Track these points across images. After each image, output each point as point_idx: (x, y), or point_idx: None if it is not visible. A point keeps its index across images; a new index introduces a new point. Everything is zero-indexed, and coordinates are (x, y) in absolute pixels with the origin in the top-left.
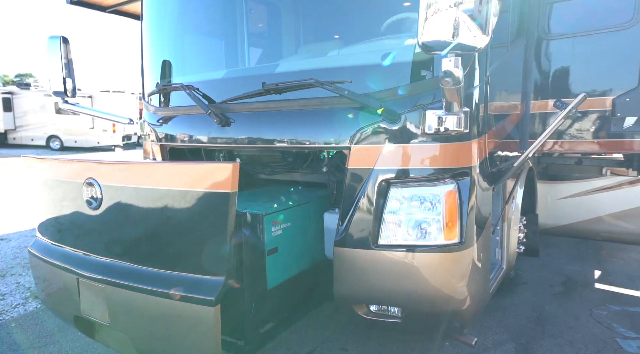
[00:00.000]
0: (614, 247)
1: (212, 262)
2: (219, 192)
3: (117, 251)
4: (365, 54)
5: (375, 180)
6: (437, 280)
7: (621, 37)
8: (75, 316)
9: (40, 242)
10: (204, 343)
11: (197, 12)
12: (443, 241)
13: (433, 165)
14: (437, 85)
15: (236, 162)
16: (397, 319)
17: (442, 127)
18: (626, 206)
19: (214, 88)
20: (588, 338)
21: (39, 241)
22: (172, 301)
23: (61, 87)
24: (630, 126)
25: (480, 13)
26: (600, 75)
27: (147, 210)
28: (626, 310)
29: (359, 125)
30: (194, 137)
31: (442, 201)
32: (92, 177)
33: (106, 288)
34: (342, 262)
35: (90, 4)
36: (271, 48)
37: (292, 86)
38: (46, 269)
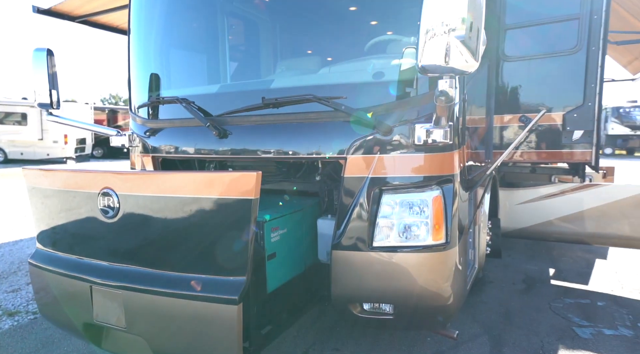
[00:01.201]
0: (564, 247)
1: (234, 263)
2: (243, 199)
3: (135, 257)
4: (355, 72)
5: (370, 187)
6: (426, 278)
7: (568, 61)
8: (85, 323)
9: (43, 253)
10: (227, 341)
11: (183, 28)
12: (431, 242)
13: (421, 173)
14: (421, 102)
15: (259, 171)
16: (389, 315)
17: (429, 139)
18: (572, 210)
19: (206, 102)
20: (549, 328)
21: (41, 251)
22: (194, 302)
23: (46, 99)
24: (578, 138)
25: (471, 39)
26: (553, 94)
27: (169, 217)
28: (578, 302)
29: (354, 137)
30: (190, 149)
31: (430, 206)
32: (109, 187)
33: (123, 293)
34: (339, 264)
35: (59, 14)
36: (259, 64)
37: (291, 101)
38: (51, 279)
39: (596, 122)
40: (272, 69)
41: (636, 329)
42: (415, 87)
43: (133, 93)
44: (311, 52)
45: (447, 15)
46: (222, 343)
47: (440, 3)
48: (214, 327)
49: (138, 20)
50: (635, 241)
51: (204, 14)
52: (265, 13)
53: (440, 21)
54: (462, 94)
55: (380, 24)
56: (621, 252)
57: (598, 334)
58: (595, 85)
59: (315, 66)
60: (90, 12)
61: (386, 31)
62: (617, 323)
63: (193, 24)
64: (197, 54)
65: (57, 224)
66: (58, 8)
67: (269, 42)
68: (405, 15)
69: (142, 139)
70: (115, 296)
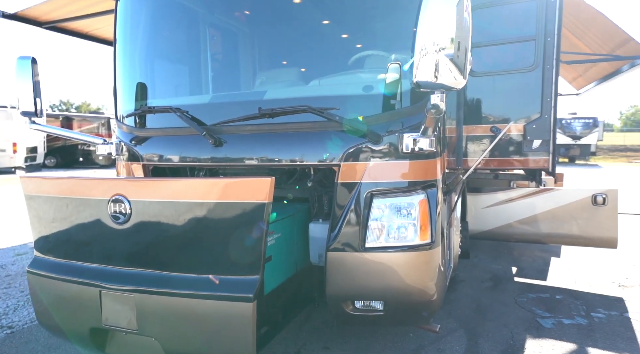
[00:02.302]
0: (523, 246)
1: (247, 263)
2: (258, 203)
3: (147, 261)
4: (345, 85)
5: (362, 192)
6: (414, 275)
7: (527, 77)
8: (92, 328)
9: (44, 260)
10: (241, 337)
11: (172, 39)
12: (419, 242)
13: (408, 178)
14: (407, 114)
15: (272, 177)
16: (379, 312)
17: (416, 147)
18: (530, 213)
19: (197, 111)
20: (517, 320)
21: (41, 259)
22: (209, 301)
23: (30, 107)
24: (537, 147)
25: (459, 58)
26: (515, 107)
27: (183, 221)
28: (539, 296)
29: (347, 145)
30: (183, 157)
31: (417, 208)
32: (121, 194)
33: (136, 296)
34: (334, 265)
35: (26, 19)
36: (248, 75)
37: (287, 111)
38: (54, 287)
39: (552, 132)
40: (259, 80)
41: (590, 319)
42: (400, 100)
43: (120, 102)
44: (298, 64)
45: (438, 36)
46: (237, 340)
47: (432, 24)
48: (229, 325)
49: (125, 31)
50: (583, 239)
51: (193, 26)
52: (246, 26)
53: (432, 41)
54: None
55: (367, 38)
56: (572, 250)
57: (559, 324)
58: (551, 99)
59: (300, 78)
60: (59, 18)
61: (373, 45)
62: (573, 314)
63: (182, 35)
64: (187, 64)
65: (60, 231)
66: (25, 13)
67: (255, 54)
68: (388, 30)
69: (131, 147)
70: (127, 299)
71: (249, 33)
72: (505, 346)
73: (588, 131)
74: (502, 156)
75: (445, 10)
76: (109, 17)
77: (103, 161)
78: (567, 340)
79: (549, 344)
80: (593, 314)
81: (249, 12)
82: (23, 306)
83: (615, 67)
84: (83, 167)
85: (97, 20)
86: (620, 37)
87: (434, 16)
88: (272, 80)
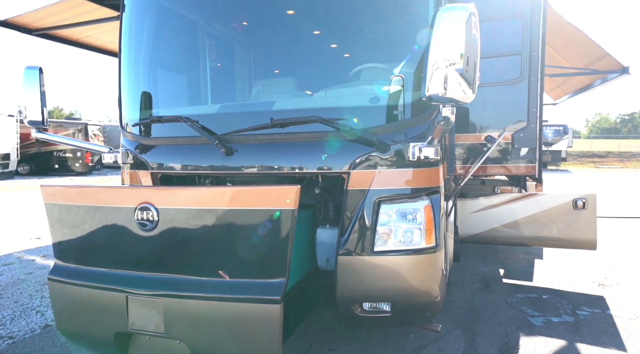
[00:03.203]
0: (507, 249)
1: (274, 267)
2: (284, 209)
3: (174, 266)
4: (352, 97)
5: (370, 198)
6: (420, 277)
7: (514, 89)
8: (117, 332)
9: (66, 268)
10: (269, 338)
11: (176, 50)
12: (425, 245)
13: (414, 185)
14: (413, 124)
15: (298, 185)
16: (387, 313)
17: (422, 156)
18: (515, 217)
19: (207, 121)
20: (509, 319)
21: (63, 266)
22: (237, 304)
23: (37, 117)
24: (524, 155)
25: (467, 72)
26: (503, 117)
27: (211, 227)
28: (528, 296)
29: (356, 154)
30: (193, 165)
31: (422, 213)
32: (148, 202)
33: (164, 300)
34: (344, 268)
35: (16, 26)
36: (254, 86)
37: (298, 121)
38: (77, 293)
39: (538, 140)
40: (266, 91)
41: (576, 316)
42: (404, 111)
43: (127, 112)
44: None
45: (448, 51)
46: (264, 341)
47: (443, 40)
48: (256, 326)
49: (130, 42)
50: (565, 241)
51: (200, 37)
52: (253, 38)
53: (442, 56)
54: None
55: (372, 51)
56: (553, 252)
57: (548, 322)
58: (536, 109)
59: (307, 89)
60: (49, 25)
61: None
62: (560, 312)
63: (190, 46)
64: (195, 75)
65: (83, 239)
66: (16, 20)
67: (262, 65)
68: (393, 43)
69: (139, 155)
70: (155, 303)
71: (256, 45)
72: (501, 344)
73: (559, 137)
74: (492, 163)
75: (455, 27)
76: (100, 25)
77: (80, 168)
78: (557, 337)
79: (541, 341)
80: (578, 312)
81: (256, 25)
82: (20, 316)
83: (591, 80)
84: (58, 174)
85: (87, 28)
86: (596, 53)
87: (444, 33)
88: (278, 91)
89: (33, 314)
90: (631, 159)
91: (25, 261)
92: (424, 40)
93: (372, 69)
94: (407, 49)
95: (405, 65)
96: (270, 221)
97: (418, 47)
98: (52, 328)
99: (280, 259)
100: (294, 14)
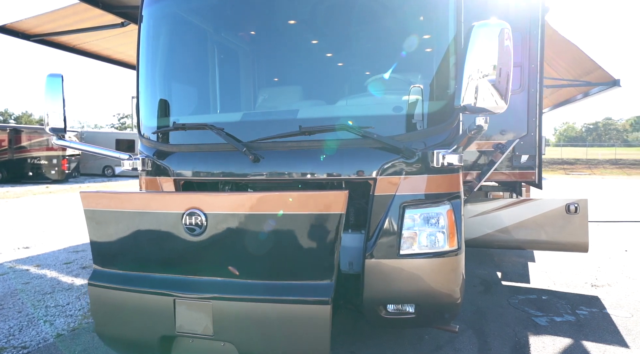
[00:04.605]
0: (501, 252)
1: (323, 269)
2: (333, 214)
3: (223, 269)
4: (376, 106)
5: (396, 204)
6: (443, 279)
7: (515, 99)
8: (163, 336)
9: (107, 273)
10: (318, 339)
11: (197, 59)
12: (448, 248)
13: (437, 190)
14: (437, 132)
15: (346, 191)
16: (411, 314)
17: (446, 162)
18: (512, 222)
19: (230, 128)
20: (515, 320)
21: (103, 272)
22: (286, 305)
23: (59, 124)
24: (525, 162)
25: (500, 83)
26: (505, 125)
27: (260, 232)
28: (528, 298)
29: (383, 161)
30: (220, 172)
31: (445, 217)
32: (196, 207)
33: (214, 303)
34: (372, 271)
35: (14, 32)
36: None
37: (326, 129)
38: (120, 298)
39: (538, 148)
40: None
41: (576, 316)
42: (426, 120)
43: (148, 119)
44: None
45: (482, 64)
46: (314, 341)
47: (477, 54)
48: (306, 327)
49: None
50: (558, 244)
51: (222, 47)
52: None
53: (476, 68)
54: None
55: (397, 61)
56: (543, 255)
57: (551, 322)
58: (536, 118)
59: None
60: (48, 31)
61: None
62: (561, 311)
63: (212, 55)
64: (216, 83)
65: (126, 244)
66: (14, 26)
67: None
68: (416, 54)
69: (160, 162)
70: (204, 306)
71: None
72: (512, 343)
73: None
74: (495, 169)
75: (489, 41)
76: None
77: (55, 175)
78: (563, 336)
79: (549, 340)
80: (578, 312)
81: (277, 34)
82: (28, 327)
83: (579, 92)
84: (33, 182)
85: (86, 35)
86: (587, 65)
87: (478, 47)
88: (299, 100)
89: (41, 324)
90: (598, 166)
91: (18, 271)
92: (442, 50)
93: (391, 79)
94: (426, 59)
95: (426, 75)
96: (319, 224)
97: (438, 57)
98: (65, 337)
99: (329, 262)
100: (319, 25)
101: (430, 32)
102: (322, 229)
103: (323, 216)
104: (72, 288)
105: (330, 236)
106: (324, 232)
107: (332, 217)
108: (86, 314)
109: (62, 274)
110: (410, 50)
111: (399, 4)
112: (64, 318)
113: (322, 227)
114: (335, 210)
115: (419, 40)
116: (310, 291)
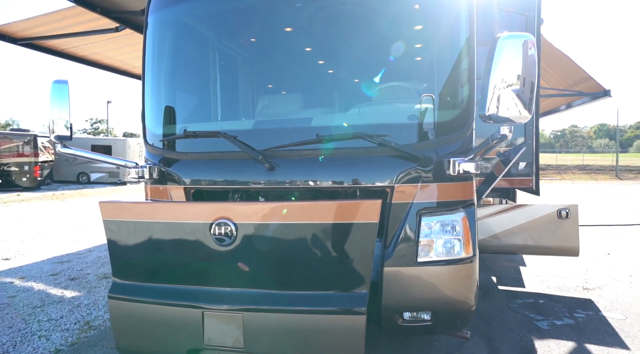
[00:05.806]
0: (493, 257)
1: (357, 279)
2: (367, 223)
3: (254, 280)
4: (389, 115)
5: (413, 211)
6: (459, 286)
7: None
8: (190, 349)
9: (129, 286)
10: (352, 349)
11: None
12: (464, 255)
13: (453, 198)
14: (450, 141)
15: (379, 200)
16: (427, 322)
17: (462, 170)
18: (506, 227)
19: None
20: (517, 324)
21: (125, 284)
22: (321, 316)
23: (64, 131)
24: (522, 169)
25: (524, 93)
26: None
27: (293, 241)
28: (526, 302)
29: (400, 169)
30: (233, 180)
31: (461, 224)
32: (226, 217)
33: (245, 314)
34: (390, 279)
35: (1, 35)
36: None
37: (343, 138)
38: (144, 311)
39: (535, 155)
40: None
41: (575, 319)
42: (440, 128)
43: (154, 127)
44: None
45: (507, 75)
46: (348, 351)
47: (502, 65)
48: (340, 338)
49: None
50: (550, 249)
51: (231, 54)
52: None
53: (501, 79)
54: None
55: (410, 69)
56: (532, 259)
57: (552, 325)
58: (533, 127)
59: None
60: (36, 35)
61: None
62: (560, 315)
63: (219, 63)
64: (226, 91)
65: (150, 256)
66: (1, 29)
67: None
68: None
69: (169, 171)
70: (234, 318)
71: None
72: (520, 347)
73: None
74: None
75: (513, 52)
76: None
77: (27, 182)
78: (566, 339)
79: (554, 343)
80: (576, 315)
81: (286, 42)
82: (22, 342)
83: (567, 101)
84: (3, 189)
85: (76, 39)
86: (578, 76)
87: (504, 58)
88: (311, 108)
89: (35, 339)
90: (567, 171)
91: (1, 284)
92: (456, 59)
93: (404, 88)
94: (440, 68)
95: (439, 84)
96: (354, 234)
97: (452, 67)
98: (64, 353)
99: (363, 272)
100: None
101: (444, 42)
102: (356, 239)
103: (357, 225)
104: (63, 300)
105: (365, 246)
106: (358, 242)
107: (367, 227)
108: (83, 327)
109: (50, 286)
110: (424, 59)
111: (412, 14)
112: (60, 332)
113: (356, 236)
114: (369, 219)
115: (433, 49)
116: (345, 301)
